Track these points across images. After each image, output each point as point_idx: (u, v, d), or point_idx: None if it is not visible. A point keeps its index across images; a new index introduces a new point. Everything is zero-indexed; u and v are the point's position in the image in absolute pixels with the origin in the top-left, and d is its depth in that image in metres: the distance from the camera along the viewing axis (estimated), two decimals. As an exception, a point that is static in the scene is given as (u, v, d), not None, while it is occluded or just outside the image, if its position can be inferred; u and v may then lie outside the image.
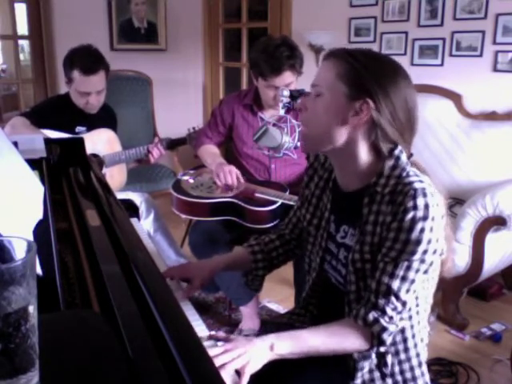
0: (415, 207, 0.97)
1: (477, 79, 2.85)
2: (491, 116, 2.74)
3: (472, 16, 2.83)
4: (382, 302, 1.01)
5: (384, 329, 1.01)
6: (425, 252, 0.99)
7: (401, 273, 1.00)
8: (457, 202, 2.58)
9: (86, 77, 2.26)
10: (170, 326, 0.65)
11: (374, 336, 1.02)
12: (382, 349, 1.05)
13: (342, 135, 1.06)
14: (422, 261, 1.00)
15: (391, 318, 1.01)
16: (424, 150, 2.79)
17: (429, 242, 0.98)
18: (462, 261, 2.27)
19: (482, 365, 2.09)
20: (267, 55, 2.09)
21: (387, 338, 1.02)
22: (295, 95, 1.91)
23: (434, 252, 1.00)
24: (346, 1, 3.38)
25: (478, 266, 2.27)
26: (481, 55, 2.83)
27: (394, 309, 1.01)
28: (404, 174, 1.03)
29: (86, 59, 2.27)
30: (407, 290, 1.01)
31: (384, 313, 1.01)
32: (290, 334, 1.04)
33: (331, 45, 1.12)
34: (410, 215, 0.97)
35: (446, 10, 2.93)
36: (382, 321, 1.01)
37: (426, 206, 0.97)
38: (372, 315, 1.01)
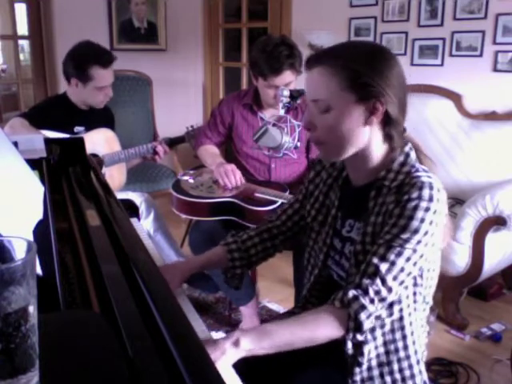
0: (420, 197, 0.98)
1: (477, 79, 2.85)
2: (491, 116, 2.74)
3: (472, 16, 2.83)
4: (366, 281, 0.99)
5: (363, 307, 0.97)
6: (419, 242, 0.99)
7: (391, 257, 0.99)
8: (457, 201, 2.59)
9: (106, 70, 2.27)
10: (170, 325, 0.65)
11: (351, 317, 0.98)
12: (360, 337, 1.00)
13: (363, 137, 1.06)
14: (415, 251, 0.99)
15: (372, 300, 0.98)
16: (424, 149, 2.79)
17: (425, 233, 0.99)
18: (461, 261, 2.27)
19: (482, 365, 2.09)
20: (267, 55, 2.09)
21: (364, 320, 0.98)
22: (295, 95, 1.91)
23: (426, 245, 1.00)
24: (346, 1, 3.38)
25: (478, 266, 2.27)
26: (481, 55, 2.83)
27: (378, 292, 0.98)
28: (413, 170, 1.04)
29: (101, 53, 2.28)
30: (394, 277, 0.99)
31: (366, 292, 0.98)
32: (258, 328, 1.02)
33: (331, 45, 1.11)
34: (413, 203, 0.98)
35: (446, 9, 2.93)
36: (361, 299, 0.98)
37: (431, 198, 0.98)
38: (352, 293, 0.99)
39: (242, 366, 0.95)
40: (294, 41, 2.19)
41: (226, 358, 0.93)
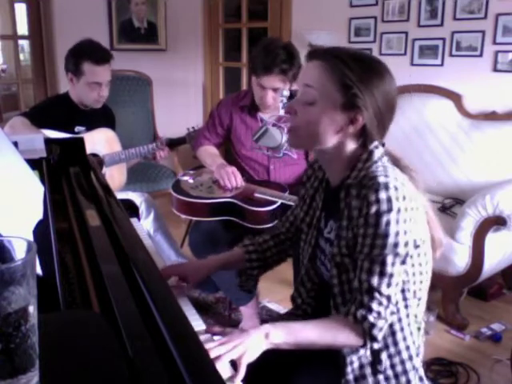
0: (377, 201, 0.99)
1: (477, 79, 2.85)
2: (491, 116, 2.74)
3: (472, 16, 2.83)
4: (366, 299, 1.02)
5: (373, 325, 1.02)
6: (395, 245, 1.00)
7: (377, 268, 1.01)
8: (457, 201, 2.59)
9: (98, 67, 2.27)
10: (170, 325, 0.65)
11: (366, 332, 1.03)
12: (376, 345, 1.05)
13: (333, 141, 1.09)
14: (396, 254, 1.00)
15: (379, 313, 1.02)
16: (424, 150, 2.79)
17: (396, 234, 0.99)
18: (461, 261, 2.27)
19: (482, 365, 2.09)
20: (265, 52, 2.09)
21: (378, 334, 1.03)
22: (295, 96, 1.91)
23: (406, 244, 1.01)
24: (345, 1, 3.38)
25: (478, 266, 2.26)
26: (481, 55, 2.83)
27: (380, 304, 1.02)
28: (373, 168, 1.06)
29: (95, 50, 2.29)
30: (388, 284, 1.02)
31: (370, 310, 1.02)
32: (285, 325, 1.06)
33: (331, 45, 1.13)
34: (373, 209, 0.99)
35: (446, 9, 2.93)
36: (369, 317, 1.02)
37: (389, 199, 0.99)
38: (360, 313, 1.03)
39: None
40: (297, 50, 2.14)
41: (256, 349, 0.98)
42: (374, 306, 1.02)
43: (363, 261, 1.03)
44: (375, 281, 1.01)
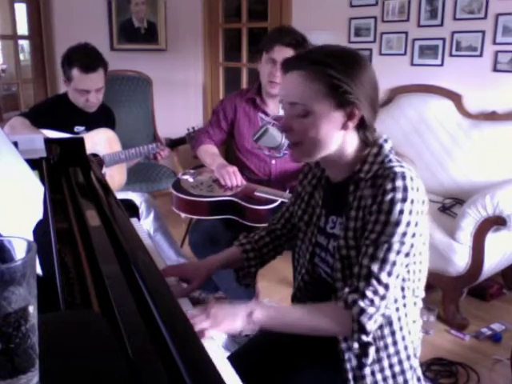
0: (394, 189, 1.00)
1: (477, 79, 2.85)
2: (491, 116, 2.74)
3: (472, 16, 2.83)
4: (362, 284, 1.01)
5: (362, 311, 1.00)
6: (404, 234, 1.00)
7: (381, 255, 1.00)
8: (457, 201, 2.58)
9: (85, 75, 2.26)
10: (170, 325, 0.65)
11: (354, 319, 1.01)
12: (364, 337, 1.03)
13: (337, 141, 1.08)
14: (402, 243, 1.00)
15: (372, 301, 1.00)
16: (424, 149, 2.79)
17: (408, 224, 1.00)
18: (461, 261, 2.27)
19: (482, 365, 2.09)
20: (279, 31, 2.19)
21: (367, 322, 1.01)
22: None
23: (413, 235, 1.01)
24: (345, 1, 3.38)
25: (478, 266, 2.26)
26: (481, 55, 2.83)
27: (375, 292, 1.00)
28: (386, 160, 1.06)
29: (85, 57, 2.28)
30: (389, 273, 1.01)
31: (363, 296, 1.01)
32: (271, 306, 1.09)
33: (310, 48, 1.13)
34: (388, 197, 1.00)
35: (446, 9, 2.93)
36: (360, 303, 1.00)
37: (405, 188, 0.99)
38: (351, 297, 1.02)
39: (241, 367, 0.95)
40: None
41: (235, 326, 1.01)
42: (369, 293, 1.00)
43: (368, 246, 1.02)
44: (376, 267, 1.00)
